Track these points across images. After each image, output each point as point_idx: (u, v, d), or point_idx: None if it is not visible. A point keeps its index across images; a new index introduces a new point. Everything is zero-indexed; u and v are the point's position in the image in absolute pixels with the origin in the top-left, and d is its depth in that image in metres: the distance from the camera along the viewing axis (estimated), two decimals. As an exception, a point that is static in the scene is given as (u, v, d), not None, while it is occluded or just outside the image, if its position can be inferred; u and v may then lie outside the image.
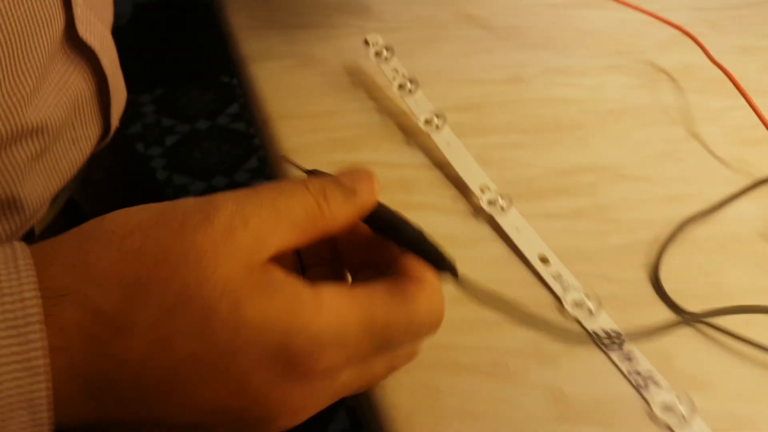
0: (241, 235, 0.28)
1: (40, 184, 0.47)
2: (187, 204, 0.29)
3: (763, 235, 0.49)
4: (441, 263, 0.33)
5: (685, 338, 0.43)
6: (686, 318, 0.43)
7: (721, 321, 0.43)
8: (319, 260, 0.36)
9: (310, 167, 0.35)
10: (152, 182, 0.80)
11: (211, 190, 2.06)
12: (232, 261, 0.27)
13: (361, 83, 0.62)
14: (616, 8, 0.73)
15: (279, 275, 0.29)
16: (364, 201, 0.32)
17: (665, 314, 0.44)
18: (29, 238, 0.48)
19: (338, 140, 0.56)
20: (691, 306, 0.44)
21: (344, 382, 0.31)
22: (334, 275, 0.36)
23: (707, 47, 0.67)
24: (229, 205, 0.29)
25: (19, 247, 0.27)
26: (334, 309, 0.29)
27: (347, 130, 0.57)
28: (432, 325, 0.32)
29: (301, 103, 0.60)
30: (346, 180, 0.32)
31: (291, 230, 0.30)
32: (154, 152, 2.19)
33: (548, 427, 0.39)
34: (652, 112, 0.60)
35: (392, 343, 0.31)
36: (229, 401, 0.28)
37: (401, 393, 0.40)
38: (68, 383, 0.26)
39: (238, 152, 2.21)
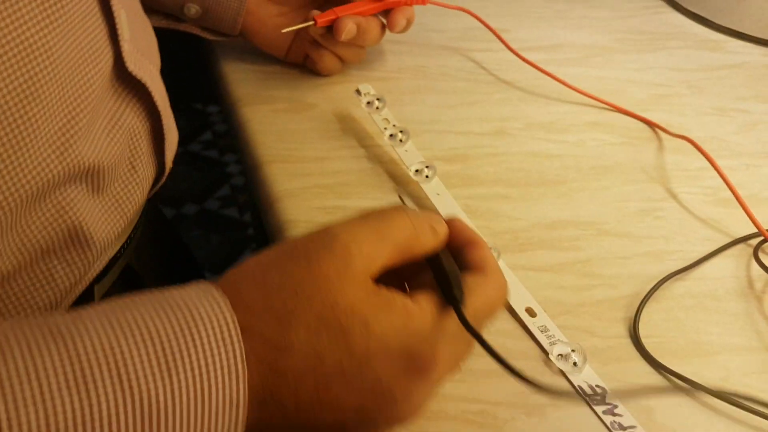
0: (356, 260, 0.34)
1: (105, 221, 0.47)
2: (307, 240, 0.36)
3: (739, 294, 0.51)
4: (446, 291, 0.37)
5: (666, 392, 0.44)
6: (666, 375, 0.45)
7: (699, 378, 0.45)
8: None
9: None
10: (182, 248, 0.80)
11: (180, 217, 2.06)
12: (354, 284, 0.34)
13: (351, 130, 0.63)
14: (598, 66, 0.75)
15: (387, 293, 0.35)
16: (442, 239, 0.39)
17: (645, 369, 0.46)
18: (88, 297, 0.48)
19: (329, 186, 0.57)
20: (670, 362, 0.46)
21: (443, 371, 0.37)
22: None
23: (685, 108, 0.69)
24: (343, 235, 0.35)
25: (217, 291, 0.33)
26: (433, 312, 0.36)
27: (338, 176, 0.58)
28: (502, 300, 0.39)
29: (291, 148, 0.61)
30: (430, 218, 0.39)
31: (392, 252, 0.36)
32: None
33: (536, 479, 0.40)
34: (632, 169, 0.62)
35: (483, 323, 0.38)
36: (366, 400, 0.34)
37: (392, 441, 0.41)
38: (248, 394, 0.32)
39: (210, 180, 2.21)
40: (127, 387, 0.29)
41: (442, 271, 0.37)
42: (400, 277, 0.39)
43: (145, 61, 0.49)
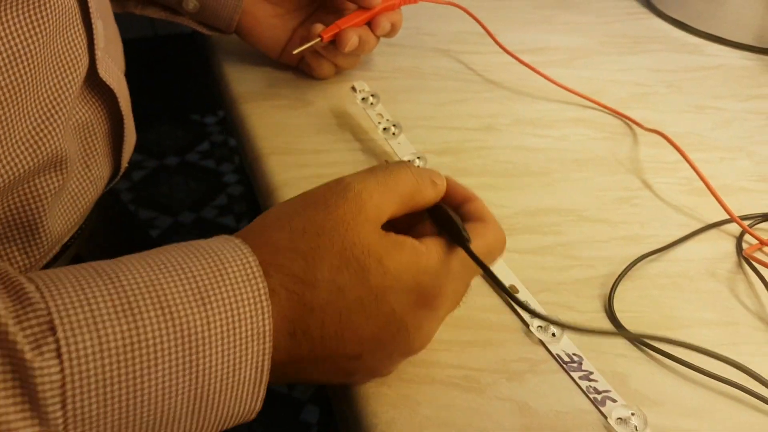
0: (368, 207, 0.39)
1: (60, 218, 0.50)
2: (324, 188, 0.40)
3: (710, 274, 0.54)
4: (455, 236, 0.41)
5: (639, 362, 0.48)
6: (628, 336, 0.48)
7: (669, 348, 0.48)
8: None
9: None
10: (142, 234, 0.83)
11: (177, 225, 2.09)
12: (367, 227, 0.38)
13: (347, 125, 0.67)
14: (583, 67, 0.79)
15: (397, 236, 0.39)
16: (441, 191, 0.43)
17: (619, 340, 0.49)
18: None
19: (325, 176, 0.59)
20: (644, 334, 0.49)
21: (447, 306, 0.42)
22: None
23: (664, 105, 0.73)
24: (355, 184, 0.39)
25: (237, 239, 0.37)
26: (438, 251, 0.40)
27: (334, 167, 0.62)
28: (501, 245, 0.44)
29: (289, 141, 0.64)
30: (430, 173, 0.43)
31: (398, 202, 0.40)
32: (120, 186, 2.20)
33: (516, 435, 0.43)
34: (612, 162, 0.65)
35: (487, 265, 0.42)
36: (382, 331, 0.39)
37: (382, 403, 0.44)
38: (277, 325, 0.36)
39: (207, 189, 2.24)
40: (168, 315, 0.33)
41: (447, 217, 0.42)
42: (399, 231, 0.42)
43: (114, 67, 0.53)
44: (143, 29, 2.63)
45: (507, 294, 0.42)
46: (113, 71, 0.52)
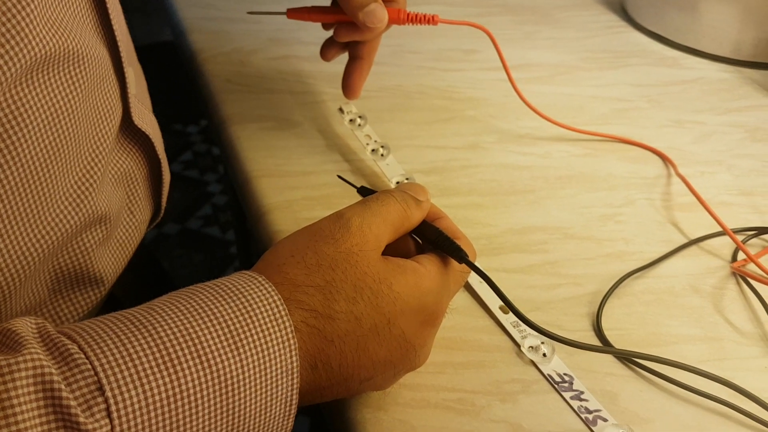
0: (369, 237, 0.41)
1: (111, 261, 0.51)
2: (327, 223, 0.42)
3: (695, 289, 0.56)
4: (455, 253, 0.45)
5: (628, 380, 0.49)
6: (617, 353, 0.49)
7: (658, 367, 0.49)
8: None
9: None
10: (160, 272, 0.83)
11: (162, 237, 2.09)
12: (373, 256, 0.41)
13: (335, 146, 0.67)
14: (564, 83, 0.80)
15: (396, 260, 0.42)
16: (426, 208, 0.46)
17: (608, 358, 0.50)
18: None
19: (315, 198, 0.62)
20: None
21: (442, 319, 0.45)
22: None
23: (645, 120, 0.74)
24: (355, 218, 0.42)
25: (261, 277, 0.39)
26: (437, 271, 0.43)
27: (324, 189, 0.63)
28: (474, 256, 0.46)
29: (279, 163, 0.65)
30: (414, 192, 0.45)
31: (391, 230, 0.43)
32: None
33: (510, 457, 0.44)
34: (595, 179, 0.67)
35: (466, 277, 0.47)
36: (393, 354, 0.41)
37: (378, 428, 0.45)
38: (300, 360, 0.38)
39: (191, 199, 2.24)
40: (206, 363, 0.35)
41: (442, 236, 0.45)
42: (385, 252, 0.44)
43: (145, 111, 0.53)
44: (122, 40, 2.62)
45: (508, 304, 0.44)
46: (146, 116, 0.53)
